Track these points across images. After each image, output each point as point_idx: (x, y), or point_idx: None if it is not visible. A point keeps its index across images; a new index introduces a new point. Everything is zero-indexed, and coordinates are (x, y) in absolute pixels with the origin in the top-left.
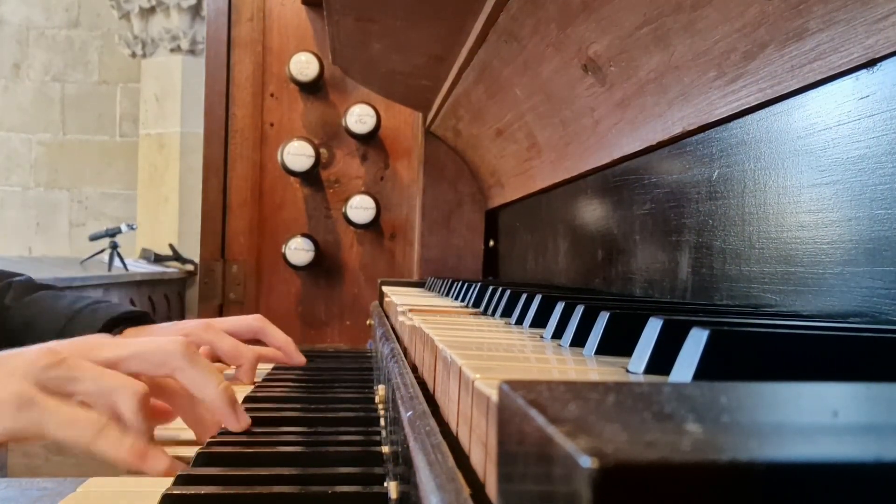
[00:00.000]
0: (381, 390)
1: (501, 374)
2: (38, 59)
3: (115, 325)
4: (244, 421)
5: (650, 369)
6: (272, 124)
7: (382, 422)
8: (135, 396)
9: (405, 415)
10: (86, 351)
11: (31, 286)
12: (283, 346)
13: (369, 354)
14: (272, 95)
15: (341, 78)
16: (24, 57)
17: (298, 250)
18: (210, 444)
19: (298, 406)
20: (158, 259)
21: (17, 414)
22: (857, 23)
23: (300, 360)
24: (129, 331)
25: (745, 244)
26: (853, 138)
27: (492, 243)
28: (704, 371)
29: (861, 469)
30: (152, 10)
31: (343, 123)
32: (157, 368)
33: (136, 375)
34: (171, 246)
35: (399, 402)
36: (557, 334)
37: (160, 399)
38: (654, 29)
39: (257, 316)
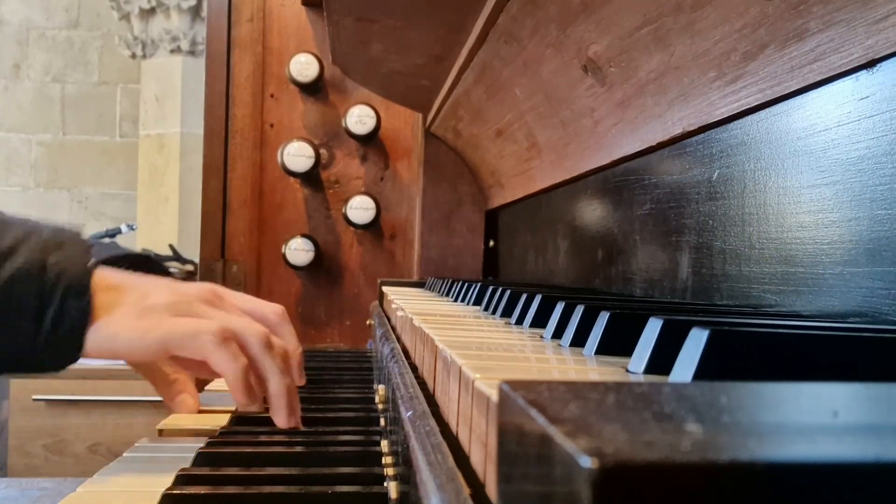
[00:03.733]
0: (381, 390)
1: (501, 374)
2: (38, 60)
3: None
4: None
5: (650, 369)
6: (272, 125)
7: (382, 422)
8: (259, 335)
9: (405, 415)
10: (214, 297)
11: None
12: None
13: (369, 354)
14: (272, 96)
15: (341, 79)
16: (24, 57)
17: (298, 250)
18: (210, 443)
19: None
20: (158, 259)
21: (143, 335)
22: (857, 23)
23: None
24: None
25: (745, 244)
26: (853, 139)
27: (492, 243)
28: (704, 371)
29: (861, 469)
30: (152, 10)
31: (343, 124)
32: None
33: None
34: (171, 246)
35: (399, 402)
36: (557, 334)
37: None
38: (654, 29)
39: (279, 308)
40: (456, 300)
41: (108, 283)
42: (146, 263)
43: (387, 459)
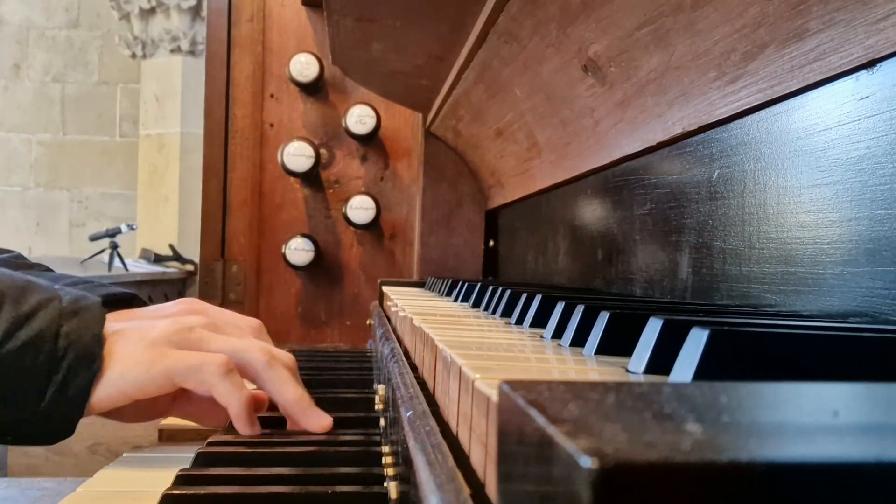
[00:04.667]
0: (381, 390)
1: (501, 374)
2: (38, 60)
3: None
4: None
5: (650, 369)
6: (272, 125)
7: (382, 422)
8: (262, 352)
9: (405, 415)
10: (210, 323)
11: (21, 264)
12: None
13: (369, 354)
14: (272, 96)
15: (341, 78)
16: (24, 57)
17: (298, 250)
18: (210, 443)
19: None
20: (158, 259)
21: (149, 368)
22: (857, 23)
23: None
24: (114, 314)
25: (745, 244)
26: (853, 139)
27: (492, 243)
28: (704, 371)
29: (861, 469)
30: (152, 10)
31: (343, 124)
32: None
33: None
34: (171, 246)
35: (399, 402)
36: (557, 334)
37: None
38: (654, 29)
39: (255, 323)
40: (456, 300)
41: (113, 334)
42: (131, 301)
43: (387, 459)
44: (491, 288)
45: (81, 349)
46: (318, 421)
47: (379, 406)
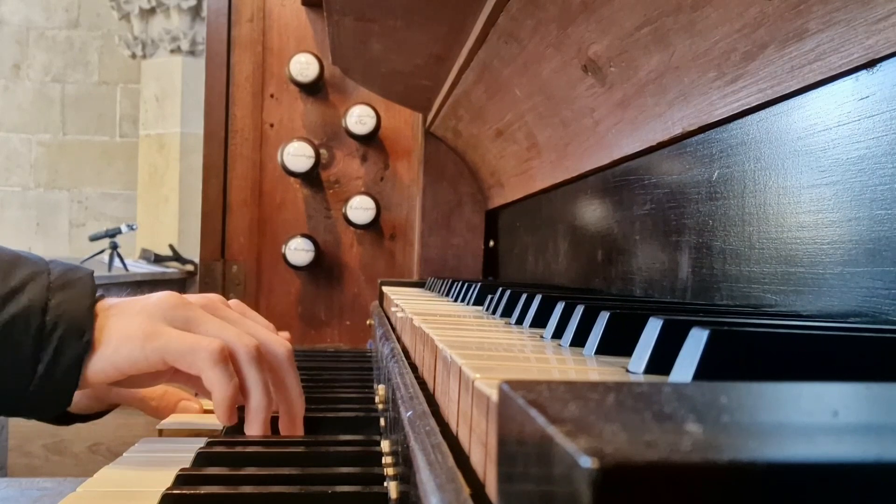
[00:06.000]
0: (381, 390)
1: (501, 374)
2: (38, 60)
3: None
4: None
5: (650, 369)
6: (272, 125)
7: (382, 422)
8: (249, 347)
9: (405, 415)
10: (212, 308)
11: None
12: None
13: (369, 354)
14: (272, 96)
15: (341, 79)
16: (24, 57)
17: (298, 250)
18: (210, 443)
19: None
20: (158, 259)
21: (143, 344)
22: (857, 23)
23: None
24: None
25: (746, 244)
26: (853, 139)
27: (492, 243)
28: (704, 371)
29: (861, 469)
30: (152, 10)
31: (343, 124)
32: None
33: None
34: (171, 246)
35: (399, 401)
36: (557, 334)
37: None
38: (654, 29)
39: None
40: (456, 300)
41: (108, 309)
42: None
43: (387, 459)
44: (491, 288)
45: (71, 322)
46: (256, 430)
47: (379, 406)
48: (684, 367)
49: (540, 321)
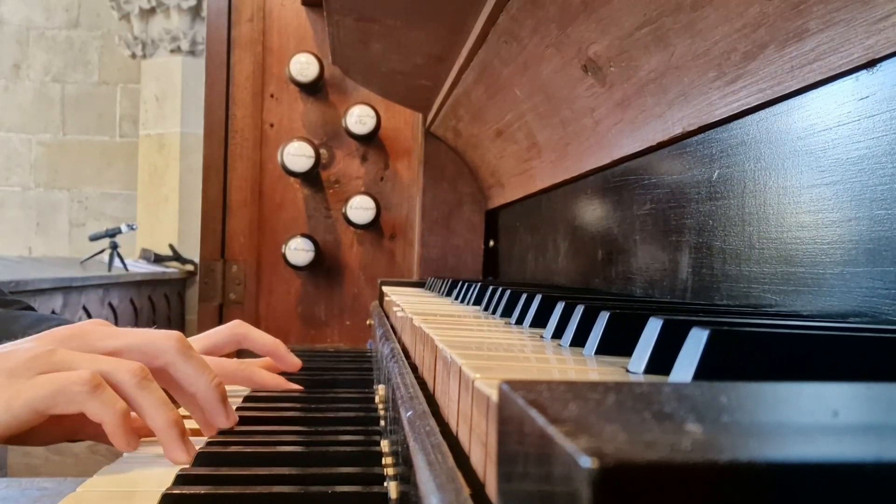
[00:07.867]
0: (381, 390)
1: (501, 374)
2: (38, 60)
3: None
4: (232, 418)
5: (650, 369)
6: (272, 125)
7: (382, 422)
8: (131, 372)
9: (405, 415)
10: (80, 341)
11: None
12: (273, 351)
13: (369, 354)
14: (272, 96)
15: (341, 78)
16: (24, 57)
17: (298, 250)
18: (210, 443)
19: (298, 406)
20: (158, 259)
21: (9, 404)
22: (857, 23)
23: (293, 362)
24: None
25: (745, 244)
26: (853, 139)
27: (492, 243)
28: (704, 371)
29: (861, 469)
30: (152, 10)
31: (343, 124)
32: (151, 360)
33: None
34: (171, 246)
35: (399, 401)
36: (557, 334)
37: (162, 385)
38: (654, 29)
39: (236, 322)
40: (456, 300)
41: None
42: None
43: (387, 459)
44: (491, 288)
45: None
46: (179, 455)
47: (379, 406)
48: (684, 366)
49: (540, 321)
